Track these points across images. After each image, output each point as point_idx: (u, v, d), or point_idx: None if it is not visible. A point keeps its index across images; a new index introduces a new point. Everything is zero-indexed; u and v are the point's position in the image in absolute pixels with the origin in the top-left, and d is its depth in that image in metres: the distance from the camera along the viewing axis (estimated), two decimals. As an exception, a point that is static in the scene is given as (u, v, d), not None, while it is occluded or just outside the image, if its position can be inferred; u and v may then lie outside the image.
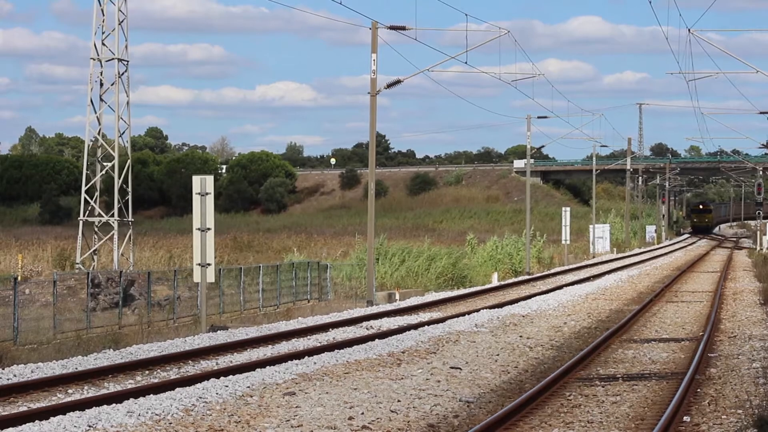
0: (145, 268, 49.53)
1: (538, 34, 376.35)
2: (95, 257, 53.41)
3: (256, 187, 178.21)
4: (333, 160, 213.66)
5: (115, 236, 52.53)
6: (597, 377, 22.21)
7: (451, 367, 22.89)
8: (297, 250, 63.79)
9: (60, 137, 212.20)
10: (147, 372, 22.48)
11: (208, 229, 30.27)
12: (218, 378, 20.63)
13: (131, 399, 18.37)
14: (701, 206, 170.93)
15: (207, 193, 30.28)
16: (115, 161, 52.31)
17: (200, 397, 18.28)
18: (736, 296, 44.08)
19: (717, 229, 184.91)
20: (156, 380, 21.30)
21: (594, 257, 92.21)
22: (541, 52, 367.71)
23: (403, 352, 24.78)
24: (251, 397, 18.75)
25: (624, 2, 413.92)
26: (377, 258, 53.85)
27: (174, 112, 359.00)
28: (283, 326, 31.72)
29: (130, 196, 53.28)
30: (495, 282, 56.17)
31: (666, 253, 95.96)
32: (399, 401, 18.96)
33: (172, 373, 22.49)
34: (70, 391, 20.12)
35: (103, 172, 53.35)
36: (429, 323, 31.61)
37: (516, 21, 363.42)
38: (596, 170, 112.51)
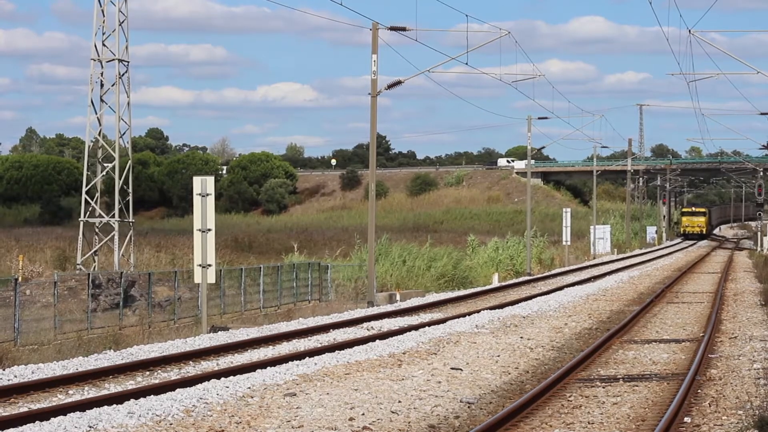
0: (145, 269, 49.53)
1: (540, 35, 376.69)
2: (96, 258, 53.39)
3: (257, 188, 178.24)
4: (333, 161, 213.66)
5: (116, 237, 52.51)
6: (598, 378, 22.21)
7: (452, 368, 22.89)
8: (297, 250, 63.74)
9: (60, 138, 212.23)
10: (148, 373, 22.49)
11: (209, 230, 30.28)
12: (219, 379, 20.63)
13: (132, 400, 18.37)
14: (693, 208, 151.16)
15: (207, 194, 30.28)
16: (116, 162, 52.29)
17: (201, 398, 18.28)
18: (736, 297, 44.08)
19: (718, 230, 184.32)
20: (157, 381, 21.30)
21: (595, 258, 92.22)
22: (543, 53, 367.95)
23: (403, 353, 24.78)
24: (252, 397, 18.75)
25: (627, 2, 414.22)
26: (378, 259, 53.85)
27: (175, 112, 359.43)
28: (284, 327, 31.74)
29: (130, 197, 53.25)
30: (496, 283, 56.16)
31: (667, 254, 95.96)
32: (400, 402, 18.97)
33: (173, 373, 22.49)
34: (70, 391, 20.12)
35: (104, 172, 53.33)
36: (430, 324, 31.61)
37: (519, 21, 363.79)
38: (597, 171, 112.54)
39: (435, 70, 47.47)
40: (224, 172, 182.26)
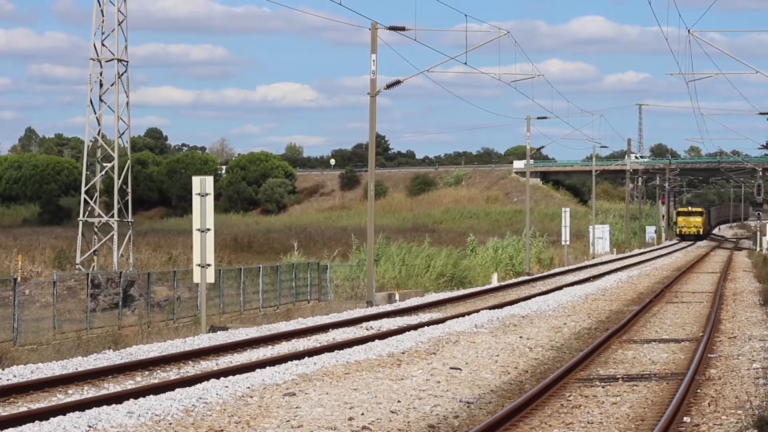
0: (144, 269, 49.50)
1: (540, 35, 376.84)
2: (95, 258, 53.37)
3: (256, 188, 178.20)
4: (333, 161, 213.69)
5: (115, 237, 52.49)
6: (597, 378, 22.20)
7: (451, 368, 22.89)
8: (297, 250, 63.70)
9: (60, 138, 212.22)
10: (147, 372, 22.49)
11: (208, 229, 30.28)
12: (218, 378, 20.63)
13: (131, 399, 18.37)
14: (689, 207, 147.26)
15: (207, 194, 30.28)
16: (115, 162, 52.27)
17: (200, 398, 18.28)
18: (735, 297, 44.08)
19: (717, 230, 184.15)
20: (156, 381, 21.30)
21: (594, 258, 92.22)
22: (543, 53, 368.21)
23: (403, 353, 24.78)
24: (251, 397, 18.75)
25: (627, 2, 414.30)
26: (377, 259, 53.84)
27: (175, 112, 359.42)
28: (283, 327, 31.74)
29: (129, 197, 53.24)
30: (495, 283, 56.17)
31: (666, 254, 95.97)
32: (399, 402, 18.96)
33: (172, 373, 22.50)
34: (70, 391, 20.13)
35: (103, 172, 53.31)
36: (429, 324, 31.61)
37: (519, 21, 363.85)
38: (596, 171, 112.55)
39: (434, 69, 47.50)
40: (223, 171, 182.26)
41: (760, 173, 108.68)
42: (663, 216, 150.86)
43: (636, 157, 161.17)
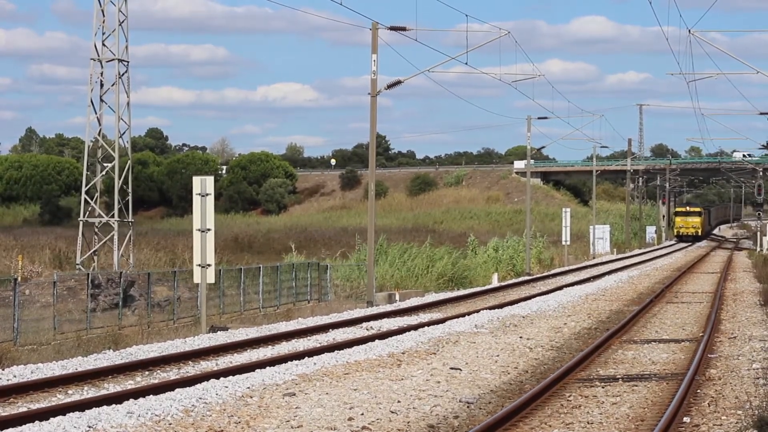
0: (144, 269, 49.50)
1: (541, 35, 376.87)
2: (95, 258, 53.37)
3: (256, 188, 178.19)
4: (333, 161, 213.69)
5: (116, 237, 52.49)
6: (597, 378, 22.21)
7: (451, 368, 22.90)
8: (296, 251, 63.68)
9: (60, 138, 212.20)
10: (147, 373, 22.50)
11: (209, 229, 30.28)
12: (218, 379, 20.64)
13: (131, 399, 18.38)
14: (688, 207, 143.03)
15: (207, 194, 30.29)
16: (116, 162, 52.28)
17: (200, 398, 18.28)
18: (736, 297, 44.08)
19: (717, 230, 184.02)
20: (156, 381, 21.31)
21: (594, 258, 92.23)
22: (544, 53, 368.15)
23: (403, 353, 24.78)
24: (251, 397, 18.76)
25: (628, 2, 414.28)
26: (377, 259, 53.84)
27: (175, 112, 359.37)
28: (283, 327, 31.75)
29: (130, 197, 53.24)
30: (495, 283, 56.18)
31: (666, 254, 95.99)
32: (399, 402, 18.97)
33: (172, 373, 22.50)
34: (70, 391, 20.13)
35: (104, 172, 53.32)
36: (429, 324, 31.62)
37: (520, 21, 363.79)
38: (596, 171, 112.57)
39: (435, 70, 47.50)
40: (224, 172, 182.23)
41: (761, 173, 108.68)
42: (663, 216, 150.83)
43: (743, 156, 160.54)
